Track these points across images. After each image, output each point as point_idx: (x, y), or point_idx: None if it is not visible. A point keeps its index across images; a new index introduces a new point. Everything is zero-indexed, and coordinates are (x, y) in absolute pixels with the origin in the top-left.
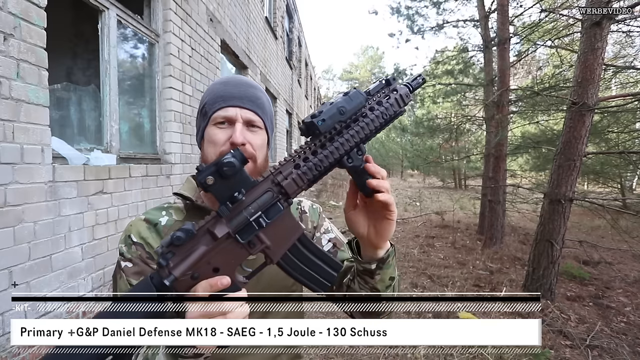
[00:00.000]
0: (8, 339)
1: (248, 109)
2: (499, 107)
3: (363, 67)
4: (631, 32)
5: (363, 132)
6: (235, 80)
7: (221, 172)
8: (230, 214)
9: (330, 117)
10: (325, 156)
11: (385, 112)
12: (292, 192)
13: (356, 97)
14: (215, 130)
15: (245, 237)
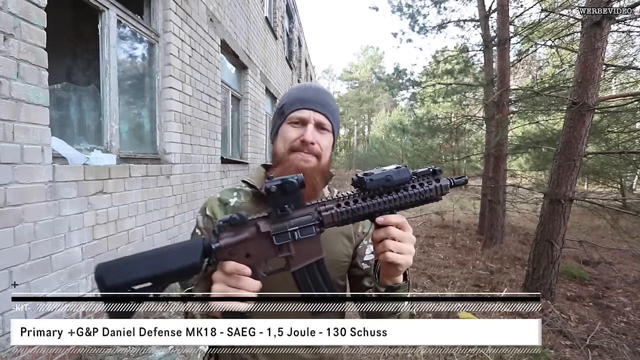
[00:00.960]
0: (8, 339)
1: (320, 112)
2: (499, 107)
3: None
4: (631, 32)
5: (399, 201)
6: (313, 87)
7: (284, 186)
8: (276, 218)
9: (378, 180)
10: (362, 207)
11: (423, 193)
12: (327, 223)
13: (404, 173)
14: (289, 128)
15: (279, 240)
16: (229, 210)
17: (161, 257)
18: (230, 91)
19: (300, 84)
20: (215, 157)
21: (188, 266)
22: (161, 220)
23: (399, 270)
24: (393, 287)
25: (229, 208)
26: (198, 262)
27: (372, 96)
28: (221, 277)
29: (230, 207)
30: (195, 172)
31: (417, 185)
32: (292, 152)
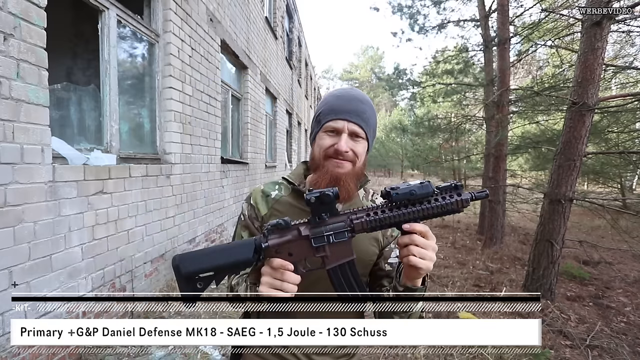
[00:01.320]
0: (8, 339)
1: (354, 122)
2: (499, 107)
3: (363, 67)
4: (631, 32)
5: (421, 212)
6: (348, 95)
7: (322, 198)
8: (315, 224)
9: (403, 194)
10: (388, 217)
11: (444, 206)
12: (357, 230)
13: (427, 188)
14: (325, 136)
15: (317, 242)
16: (270, 202)
17: (222, 253)
18: (230, 91)
19: (337, 91)
20: (215, 157)
21: (242, 261)
22: (161, 220)
23: (419, 274)
24: (411, 288)
25: (270, 200)
26: (251, 258)
27: (372, 96)
28: (269, 270)
29: (271, 199)
30: (195, 172)
31: (439, 199)
32: (327, 159)
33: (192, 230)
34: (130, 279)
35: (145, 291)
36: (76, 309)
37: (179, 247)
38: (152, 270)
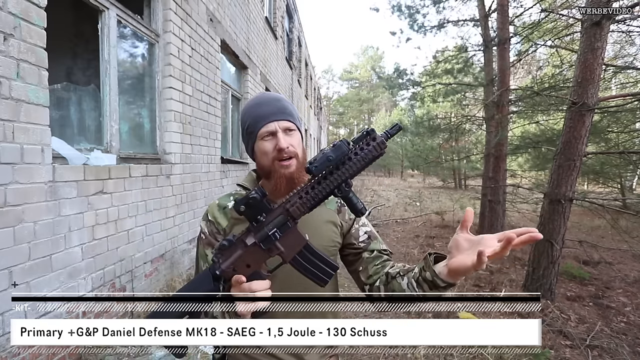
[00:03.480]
0: (8, 339)
1: (282, 119)
2: (499, 107)
3: (363, 67)
4: (631, 32)
5: (348, 172)
6: (266, 99)
7: (249, 203)
8: (256, 229)
9: (321, 164)
10: (319, 191)
11: (365, 157)
12: (297, 215)
13: (340, 148)
14: (264, 143)
15: (266, 245)
16: (228, 214)
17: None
18: (230, 91)
19: (252, 101)
20: (215, 157)
21: (207, 294)
22: (161, 220)
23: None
24: (451, 283)
25: (227, 211)
26: (213, 287)
27: (372, 96)
28: (235, 289)
29: (229, 210)
30: (195, 172)
31: (358, 152)
32: (275, 162)
33: (192, 230)
34: (130, 279)
35: (145, 291)
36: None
37: (179, 247)
38: (152, 270)
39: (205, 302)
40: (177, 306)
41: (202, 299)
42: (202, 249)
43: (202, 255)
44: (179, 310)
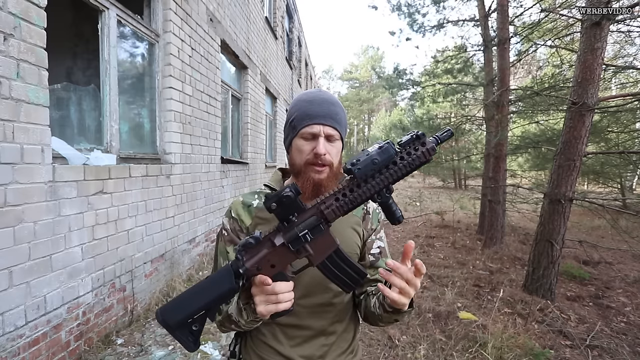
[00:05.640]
0: (8, 339)
1: (329, 125)
2: (499, 107)
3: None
4: (631, 32)
5: (391, 177)
6: (320, 99)
7: (281, 201)
8: (286, 229)
9: (365, 166)
10: (358, 194)
11: (412, 163)
12: (331, 218)
13: (388, 151)
14: (302, 142)
15: (295, 246)
16: (252, 212)
17: (203, 291)
18: (230, 91)
19: (307, 95)
20: (215, 157)
21: (227, 291)
22: (161, 220)
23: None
24: (401, 311)
25: (252, 209)
26: (234, 286)
27: (372, 96)
28: (257, 290)
29: (253, 209)
30: (195, 172)
31: (404, 156)
32: (308, 165)
33: (192, 230)
34: (130, 279)
35: (145, 291)
36: (76, 309)
37: (179, 247)
38: (152, 270)
39: (225, 299)
40: (195, 301)
41: (222, 296)
42: (223, 245)
43: (221, 252)
44: (196, 307)
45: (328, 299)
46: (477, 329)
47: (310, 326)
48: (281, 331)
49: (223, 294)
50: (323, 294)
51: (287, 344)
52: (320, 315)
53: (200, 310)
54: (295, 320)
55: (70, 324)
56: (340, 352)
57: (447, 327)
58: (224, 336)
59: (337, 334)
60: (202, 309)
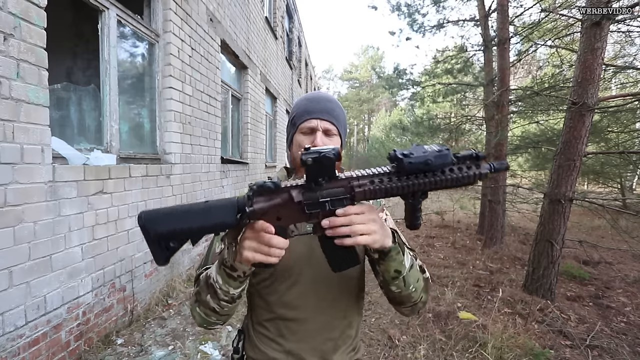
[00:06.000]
0: (8, 339)
1: (326, 120)
2: (499, 107)
3: (363, 67)
4: (631, 32)
5: (432, 184)
6: (317, 97)
7: (320, 160)
8: (309, 189)
9: (417, 163)
10: (395, 186)
11: (458, 180)
12: (359, 197)
13: (444, 158)
14: (302, 137)
15: (310, 209)
16: None
17: (198, 214)
18: (230, 91)
19: (307, 95)
20: (215, 157)
21: (223, 223)
22: None
23: (375, 247)
24: (384, 251)
25: None
26: (233, 222)
27: (372, 96)
28: (252, 235)
29: None
30: (195, 172)
31: (455, 170)
32: None
33: None
34: (130, 279)
35: (145, 291)
36: (76, 309)
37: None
38: (152, 270)
39: (218, 230)
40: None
41: (216, 226)
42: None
43: (219, 237)
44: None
45: (333, 294)
46: (477, 329)
47: (315, 321)
48: (285, 326)
49: (218, 224)
50: (328, 288)
51: (291, 338)
52: (324, 310)
53: (187, 231)
54: (300, 315)
55: (70, 324)
56: (343, 347)
57: (447, 327)
58: (224, 336)
59: (340, 330)
60: (190, 230)
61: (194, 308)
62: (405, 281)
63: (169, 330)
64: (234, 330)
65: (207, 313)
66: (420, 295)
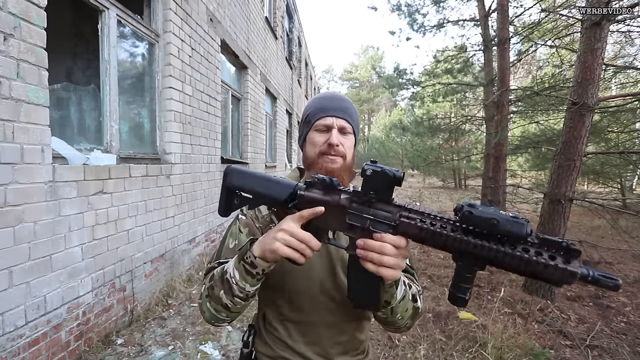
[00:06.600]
0: (8, 339)
1: (342, 118)
2: (499, 107)
3: (363, 67)
4: (631, 32)
5: (493, 255)
6: (332, 96)
7: (378, 174)
8: (360, 200)
9: (482, 216)
10: (446, 236)
11: (530, 264)
12: (402, 230)
13: (517, 227)
14: (316, 134)
15: (351, 219)
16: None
17: (264, 181)
18: (230, 91)
19: (321, 94)
20: (215, 157)
21: (274, 198)
22: (161, 220)
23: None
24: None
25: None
26: (282, 200)
27: (372, 96)
28: (289, 226)
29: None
30: (195, 172)
31: (530, 250)
32: (321, 156)
33: (192, 230)
34: (130, 279)
35: (145, 291)
36: (76, 309)
37: (179, 247)
38: (152, 270)
39: (269, 201)
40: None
41: (270, 197)
42: (238, 227)
43: (233, 233)
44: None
45: (342, 296)
46: (477, 329)
47: (324, 325)
48: (295, 328)
49: (271, 197)
50: (337, 291)
51: (301, 340)
52: (334, 313)
53: (248, 192)
54: (308, 318)
55: (70, 324)
56: (353, 351)
57: (447, 327)
58: (224, 336)
59: (349, 333)
60: (251, 193)
61: (205, 303)
62: (392, 311)
63: (169, 330)
64: (234, 330)
65: (218, 309)
66: (405, 322)
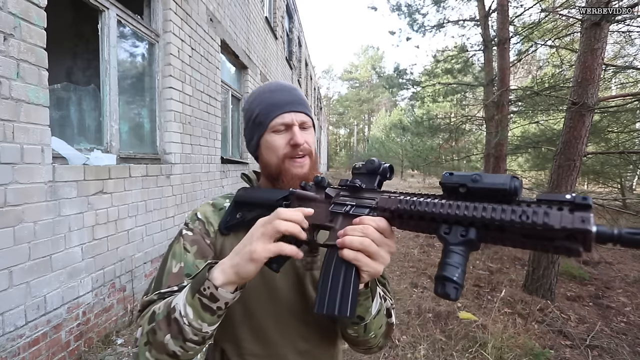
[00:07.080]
0: (8, 339)
1: (300, 111)
2: (499, 107)
3: (363, 67)
4: (631, 32)
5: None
6: (281, 86)
7: (370, 166)
8: (347, 189)
9: (460, 176)
10: (426, 204)
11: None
12: (381, 207)
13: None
14: (274, 137)
15: (334, 208)
16: (222, 214)
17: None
18: (230, 91)
19: (263, 87)
20: (215, 157)
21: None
22: (161, 220)
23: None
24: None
25: (223, 212)
26: (274, 202)
27: (372, 96)
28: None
29: (225, 211)
30: (195, 172)
31: (530, 205)
32: (286, 160)
33: None
34: (130, 279)
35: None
36: (76, 309)
37: None
38: (152, 270)
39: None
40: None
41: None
42: (182, 245)
43: (177, 254)
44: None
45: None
46: (477, 329)
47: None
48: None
49: (267, 200)
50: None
51: None
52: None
53: (248, 203)
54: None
55: (70, 324)
56: None
57: (447, 327)
58: None
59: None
60: (250, 203)
61: (142, 353)
62: (366, 328)
63: None
64: None
65: (163, 359)
66: (378, 341)
